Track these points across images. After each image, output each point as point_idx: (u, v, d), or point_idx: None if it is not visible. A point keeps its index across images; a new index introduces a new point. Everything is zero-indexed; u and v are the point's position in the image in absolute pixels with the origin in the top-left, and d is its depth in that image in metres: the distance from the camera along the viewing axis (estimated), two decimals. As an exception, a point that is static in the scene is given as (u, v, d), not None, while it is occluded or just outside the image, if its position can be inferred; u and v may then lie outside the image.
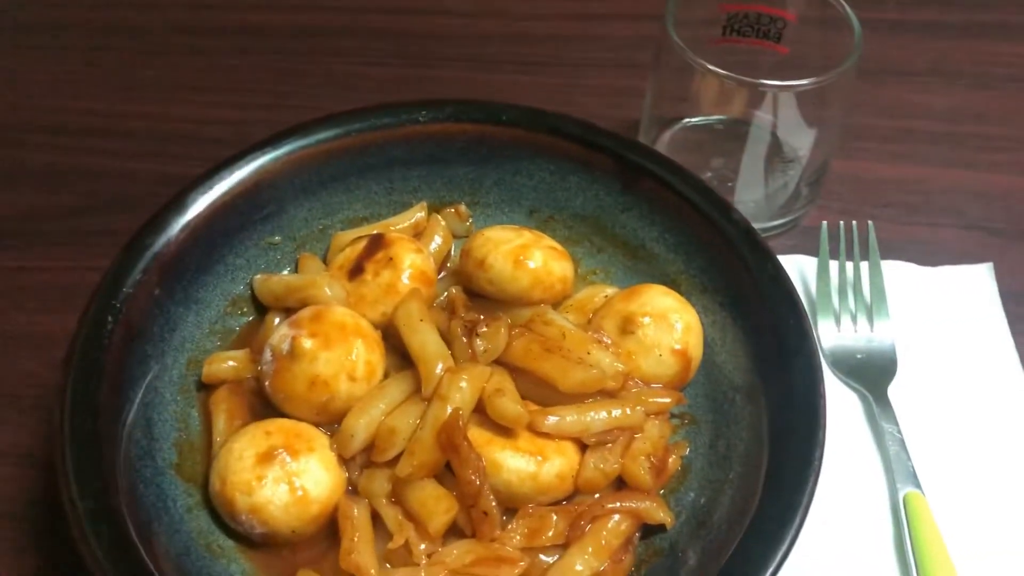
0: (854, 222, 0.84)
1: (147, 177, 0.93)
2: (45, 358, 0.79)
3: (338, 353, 0.68)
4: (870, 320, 0.80)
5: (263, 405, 0.70)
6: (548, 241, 0.77)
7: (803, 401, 0.64)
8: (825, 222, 0.84)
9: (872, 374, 0.78)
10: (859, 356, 0.79)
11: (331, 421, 0.68)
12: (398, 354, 0.71)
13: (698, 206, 0.76)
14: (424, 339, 0.69)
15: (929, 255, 0.86)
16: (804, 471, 0.61)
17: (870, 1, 1.01)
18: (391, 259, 0.74)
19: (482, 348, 0.69)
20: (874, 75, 1.00)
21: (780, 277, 0.71)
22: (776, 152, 0.88)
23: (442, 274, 0.80)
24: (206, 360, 0.71)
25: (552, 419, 0.66)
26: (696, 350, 0.72)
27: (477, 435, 0.65)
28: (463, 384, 0.65)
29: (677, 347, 0.71)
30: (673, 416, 0.72)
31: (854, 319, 0.81)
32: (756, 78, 0.79)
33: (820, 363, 0.66)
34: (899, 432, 0.73)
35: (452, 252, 0.81)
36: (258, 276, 0.77)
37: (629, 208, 0.79)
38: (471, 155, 0.81)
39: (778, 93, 0.80)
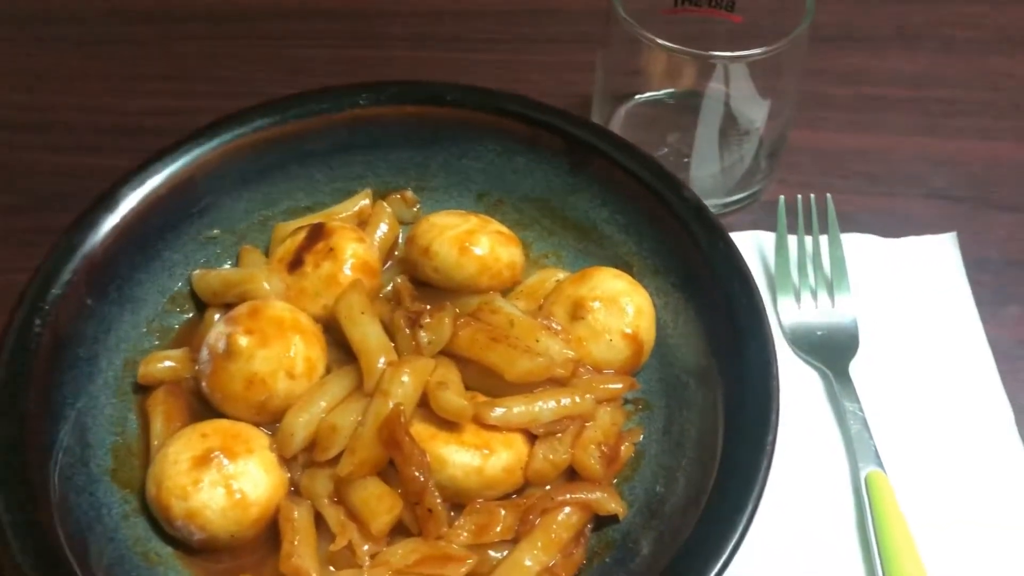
0: (812, 195, 0.82)
1: (86, 172, 0.90)
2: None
3: (276, 350, 0.65)
4: (831, 295, 0.78)
5: (202, 406, 0.68)
6: (495, 226, 0.74)
7: (756, 384, 0.62)
8: (782, 196, 0.82)
9: (833, 351, 0.76)
10: (819, 333, 0.77)
11: (271, 420, 0.66)
12: (341, 348, 0.69)
13: (648, 184, 0.73)
14: (365, 332, 0.67)
15: (892, 226, 0.84)
16: (756, 456, 0.59)
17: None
18: (332, 250, 0.72)
19: (426, 340, 0.67)
20: (834, 41, 0.97)
21: (732, 256, 0.68)
22: (731, 124, 0.86)
23: (388, 263, 0.77)
24: (142, 360, 0.69)
25: (498, 411, 0.64)
26: (648, 334, 0.70)
27: (421, 430, 0.63)
28: (405, 378, 0.63)
29: (628, 331, 0.69)
30: (627, 402, 0.70)
31: (814, 295, 0.79)
32: (708, 48, 0.77)
33: (773, 344, 0.64)
34: (860, 410, 0.71)
35: (399, 239, 0.79)
36: (196, 271, 0.74)
37: (579, 189, 0.77)
38: (415, 138, 0.79)
39: (729, 64, 0.78)
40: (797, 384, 0.75)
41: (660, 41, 0.77)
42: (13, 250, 0.85)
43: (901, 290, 0.80)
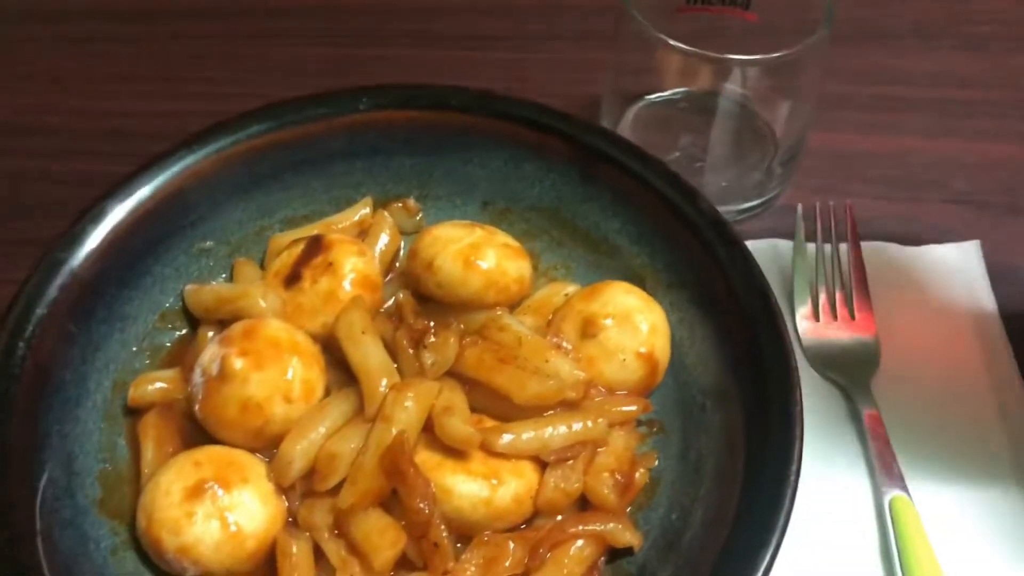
0: (831, 203, 0.79)
1: (72, 178, 0.87)
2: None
3: (272, 373, 0.62)
4: (850, 307, 0.75)
5: (195, 429, 0.64)
6: (502, 238, 0.71)
7: (777, 411, 0.59)
8: (800, 205, 0.78)
9: (853, 366, 0.73)
10: (839, 347, 0.74)
11: (268, 446, 0.63)
12: (341, 368, 0.66)
13: (662, 194, 0.70)
14: (366, 353, 0.63)
15: (913, 233, 0.80)
16: (779, 491, 0.56)
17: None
18: (330, 264, 0.68)
19: (430, 361, 0.64)
20: (851, 39, 0.94)
21: (752, 272, 0.65)
22: (748, 127, 0.82)
23: (390, 276, 0.74)
24: (132, 382, 0.66)
25: (507, 437, 0.61)
26: (663, 352, 0.66)
27: (426, 458, 0.60)
28: (408, 403, 0.60)
29: (642, 350, 0.65)
30: (640, 423, 0.67)
31: (833, 307, 0.76)
32: (724, 46, 0.74)
33: (797, 370, 0.60)
34: (882, 428, 0.68)
35: (401, 250, 0.75)
36: (189, 286, 0.71)
37: (589, 198, 0.73)
38: (417, 145, 0.75)
39: (746, 67, 0.74)
40: (816, 401, 0.72)
41: (673, 42, 0.73)
42: (-3, 260, 0.81)
43: (923, 301, 0.77)
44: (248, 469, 0.61)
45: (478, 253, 0.68)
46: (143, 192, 0.69)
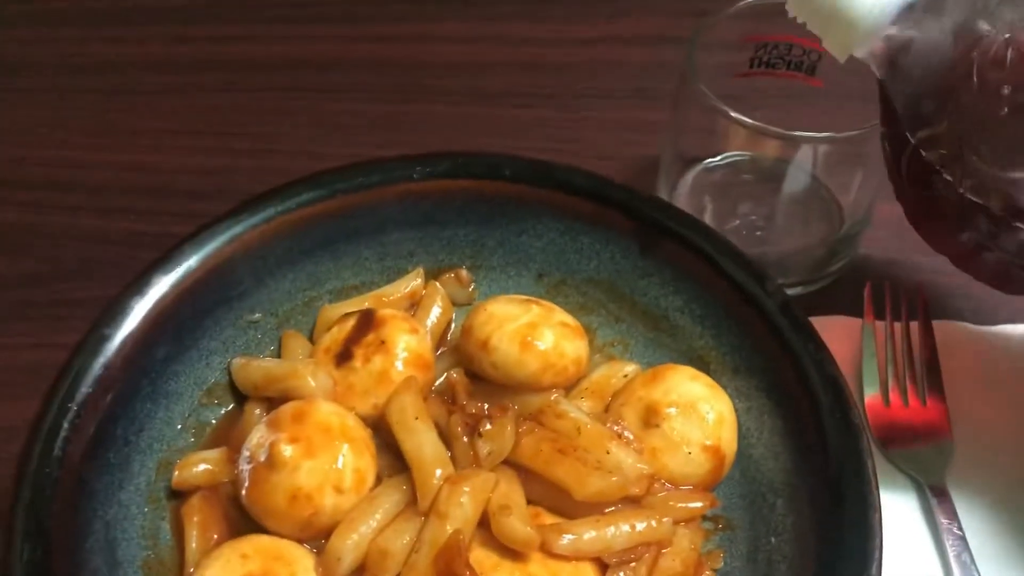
0: (901, 282, 0.75)
1: (118, 237, 0.85)
2: (4, 453, 0.72)
3: (322, 461, 0.60)
4: (922, 393, 0.72)
5: (240, 513, 0.62)
6: (560, 315, 0.68)
7: (854, 518, 0.55)
8: (869, 283, 0.75)
9: (926, 457, 0.69)
10: (911, 435, 0.70)
11: (316, 537, 0.60)
12: (391, 452, 0.63)
13: (727, 274, 0.67)
14: (420, 441, 0.61)
15: (985, 312, 0.77)
16: (859, 606, 0.52)
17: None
18: (383, 342, 0.66)
19: (486, 450, 0.61)
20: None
21: (823, 361, 0.62)
22: (813, 196, 0.79)
23: (441, 350, 0.71)
24: (177, 464, 0.64)
25: (567, 538, 0.58)
26: (730, 445, 0.63)
27: (482, 557, 0.57)
28: (464, 499, 0.57)
29: (708, 443, 0.62)
30: (705, 519, 0.63)
31: (904, 392, 0.72)
32: (789, 108, 0.71)
33: (874, 470, 0.57)
34: (960, 528, 0.65)
35: (453, 323, 0.73)
36: (236, 361, 0.68)
37: (649, 274, 0.71)
38: (471, 214, 0.73)
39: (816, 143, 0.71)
40: (886, 491, 0.67)
41: (736, 115, 0.70)
42: (39, 323, 0.79)
43: (996, 385, 0.73)
44: (296, 563, 0.58)
45: (535, 333, 0.65)
46: (190, 263, 0.66)
